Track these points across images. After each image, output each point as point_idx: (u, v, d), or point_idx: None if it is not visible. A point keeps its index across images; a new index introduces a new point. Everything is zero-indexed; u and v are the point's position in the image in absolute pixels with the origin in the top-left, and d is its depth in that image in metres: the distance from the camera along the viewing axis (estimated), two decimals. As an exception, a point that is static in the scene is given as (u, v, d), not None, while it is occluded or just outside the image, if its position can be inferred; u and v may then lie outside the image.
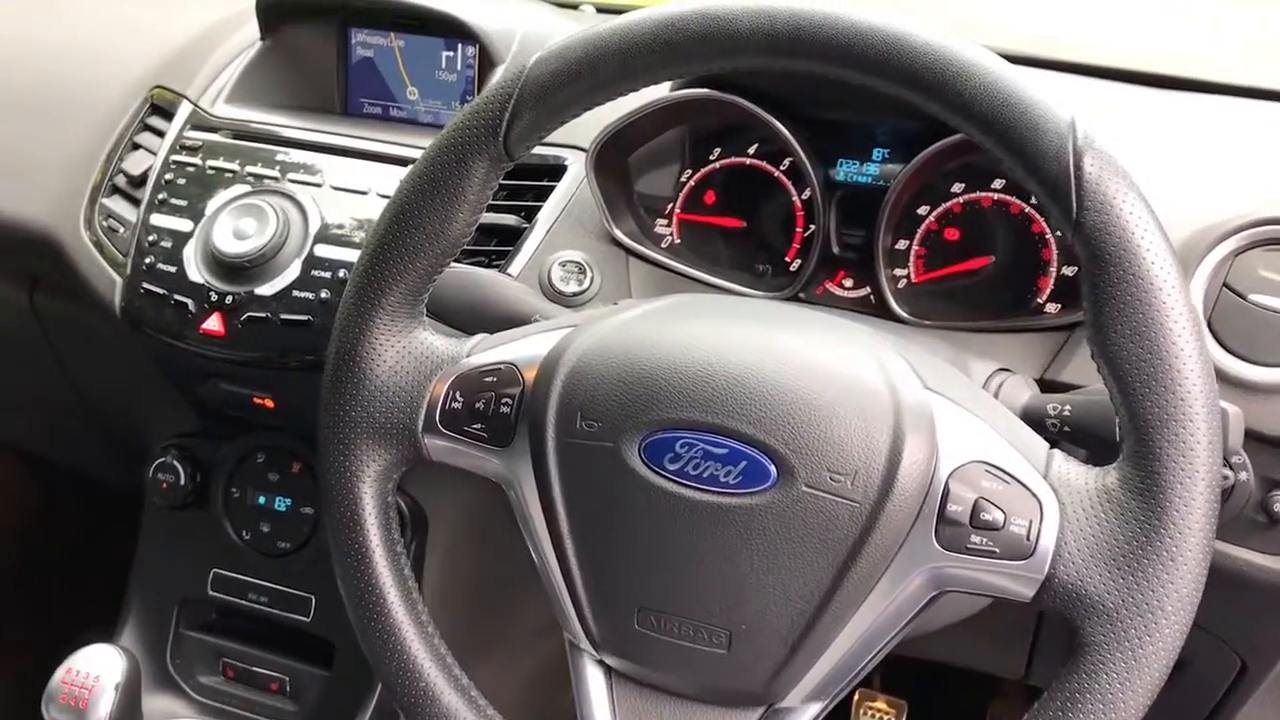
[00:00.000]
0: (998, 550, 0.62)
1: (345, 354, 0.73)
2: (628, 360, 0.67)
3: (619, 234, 0.99)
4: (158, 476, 1.12)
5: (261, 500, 1.11)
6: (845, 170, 0.97)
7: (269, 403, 1.04)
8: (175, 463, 1.11)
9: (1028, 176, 0.61)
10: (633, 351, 0.68)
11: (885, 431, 0.63)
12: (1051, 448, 0.65)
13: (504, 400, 0.71)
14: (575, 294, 0.98)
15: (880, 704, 1.60)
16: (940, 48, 0.61)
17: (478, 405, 0.72)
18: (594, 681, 0.72)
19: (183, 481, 1.11)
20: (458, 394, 0.72)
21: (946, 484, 0.63)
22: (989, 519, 0.62)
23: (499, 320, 0.83)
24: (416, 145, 1.05)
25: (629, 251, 1.01)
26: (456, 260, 0.75)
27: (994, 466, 0.63)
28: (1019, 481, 0.62)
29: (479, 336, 0.76)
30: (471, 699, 0.72)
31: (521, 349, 0.73)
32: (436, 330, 0.76)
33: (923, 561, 0.63)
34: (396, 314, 0.73)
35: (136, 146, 1.11)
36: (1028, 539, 0.61)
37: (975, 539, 0.62)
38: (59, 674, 0.89)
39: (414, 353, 0.74)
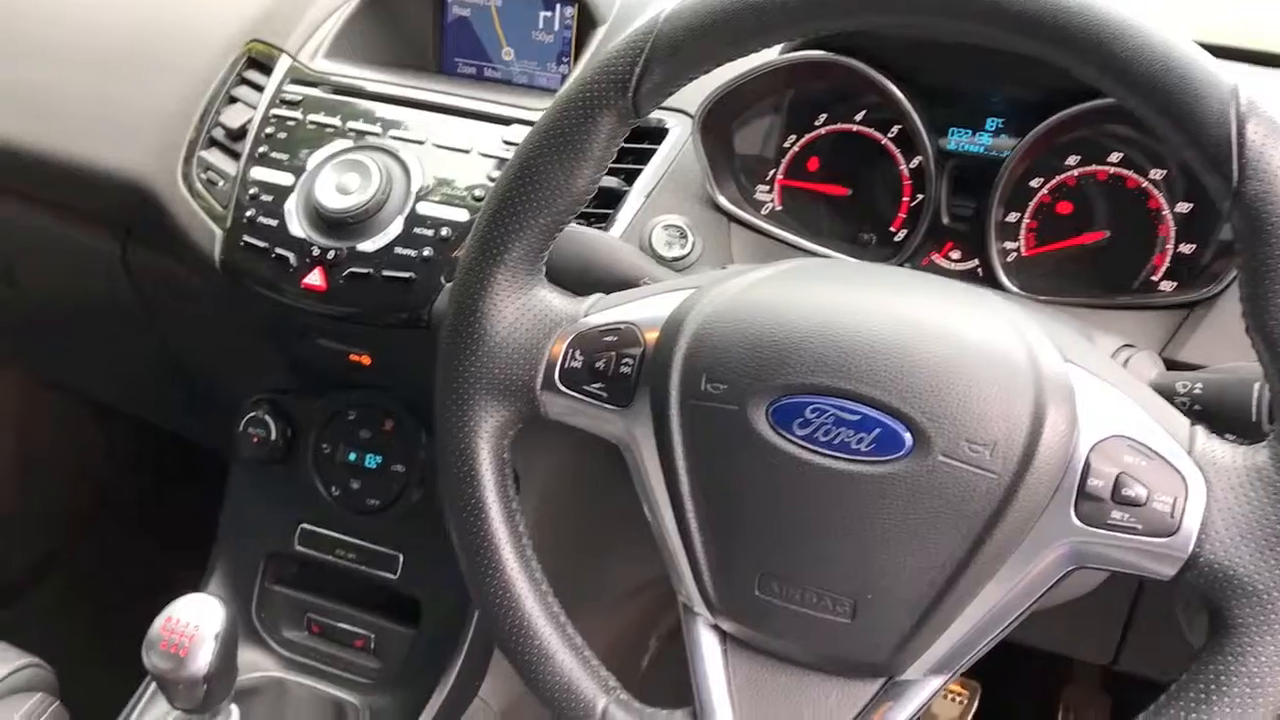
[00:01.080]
0: (1139, 527, 0.60)
1: (466, 309, 0.72)
2: (756, 323, 0.66)
3: (722, 199, 0.98)
4: (248, 431, 1.12)
5: (352, 457, 1.11)
6: (957, 140, 0.95)
7: (365, 360, 1.04)
8: (266, 417, 1.12)
9: (1185, 143, 0.59)
10: (761, 314, 0.67)
11: (1026, 402, 0.62)
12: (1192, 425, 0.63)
13: (624, 360, 0.70)
14: (677, 259, 0.97)
15: (953, 684, 1.60)
16: (1096, 7, 0.59)
17: (598, 365, 0.71)
18: (708, 646, 0.71)
19: (273, 436, 1.12)
20: (577, 353, 0.72)
21: (1087, 458, 0.61)
22: (1131, 495, 0.60)
23: (608, 281, 0.82)
24: (516, 105, 1.04)
25: (730, 217, 0.99)
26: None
27: (1136, 441, 0.61)
28: (1162, 458, 0.61)
29: (595, 296, 0.75)
30: (585, 658, 0.71)
31: (642, 309, 0.72)
32: (553, 289, 0.75)
33: (1059, 536, 0.62)
34: (517, 270, 0.73)
35: (234, 100, 1.11)
36: (1171, 516, 0.60)
37: (1116, 514, 0.61)
38: (159, 622, 0.89)
39: (533, 310, 0.73)
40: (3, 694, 1.03)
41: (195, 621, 0.89)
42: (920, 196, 0.96)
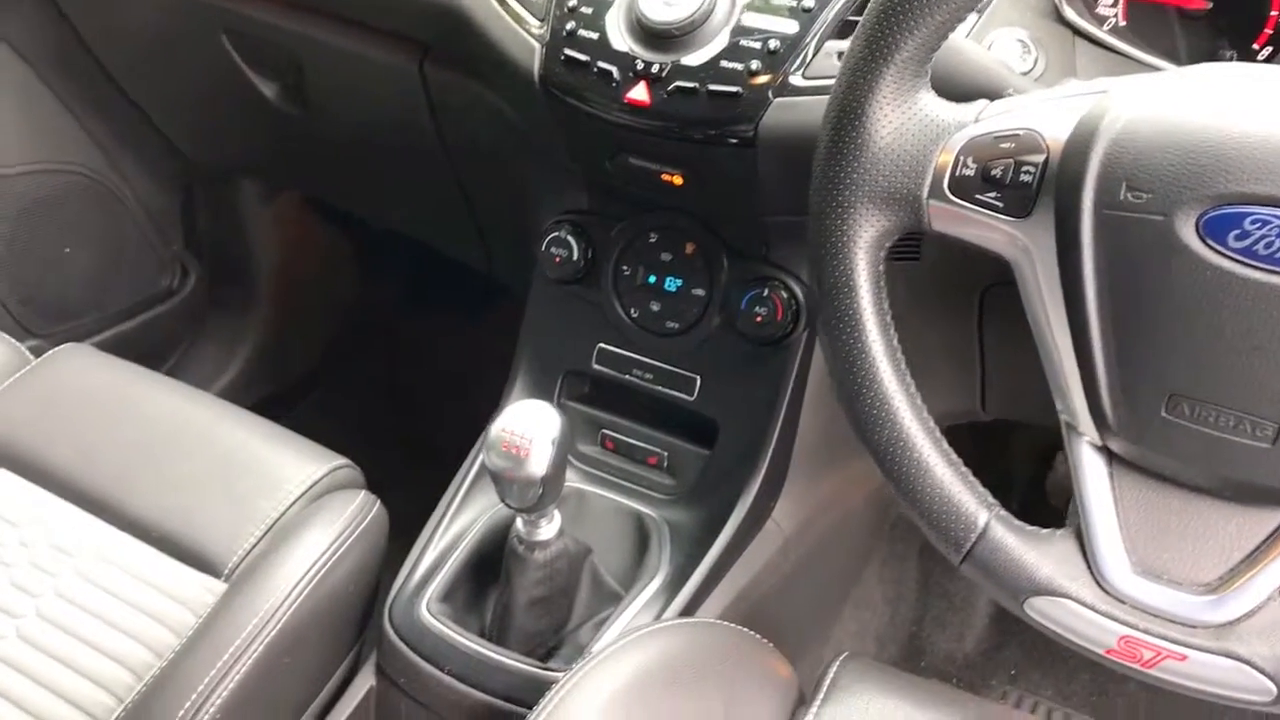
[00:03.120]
0: None
1: (849, 113, 0.70)
2: (1188, 127, 0.62)
3: (1069, 12, 0.92)
4: (550, 250, 1.13)
5: (651, 279, 1.11)
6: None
7: (677, 179, 1.02)
8: (569, 237, 1.13)
9: None
10: (1193, 118, 0.62)
11: None
12: None
13: (1025, 168, 0.67)
14: (1020, 74, 0.91)
15: None
16: None
17: (993, 172, 0.68)
18: (1091, 467, 0.69)
19: (575, 256, 1.13)
20: (969, 159, 0.69)
21: None
22: None
23: (970, 90, 0.78)
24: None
25: (1076, 31, 0.93)
26: None
27: None
28: None
29: (980, 103, 0.71)
30: (963, 473, 0.71)
31: (1042, 115, 0.68)
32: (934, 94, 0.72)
33: None
34: (904, 73, 0.69)
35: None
36: None
37: None
38: (499, 423, 0.92)
39: (920, 115, 0.70)
40: (324, 492, 1.09)
41: (533, 424, 0.92)
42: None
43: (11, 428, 1.15)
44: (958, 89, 0.77)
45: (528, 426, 0.92)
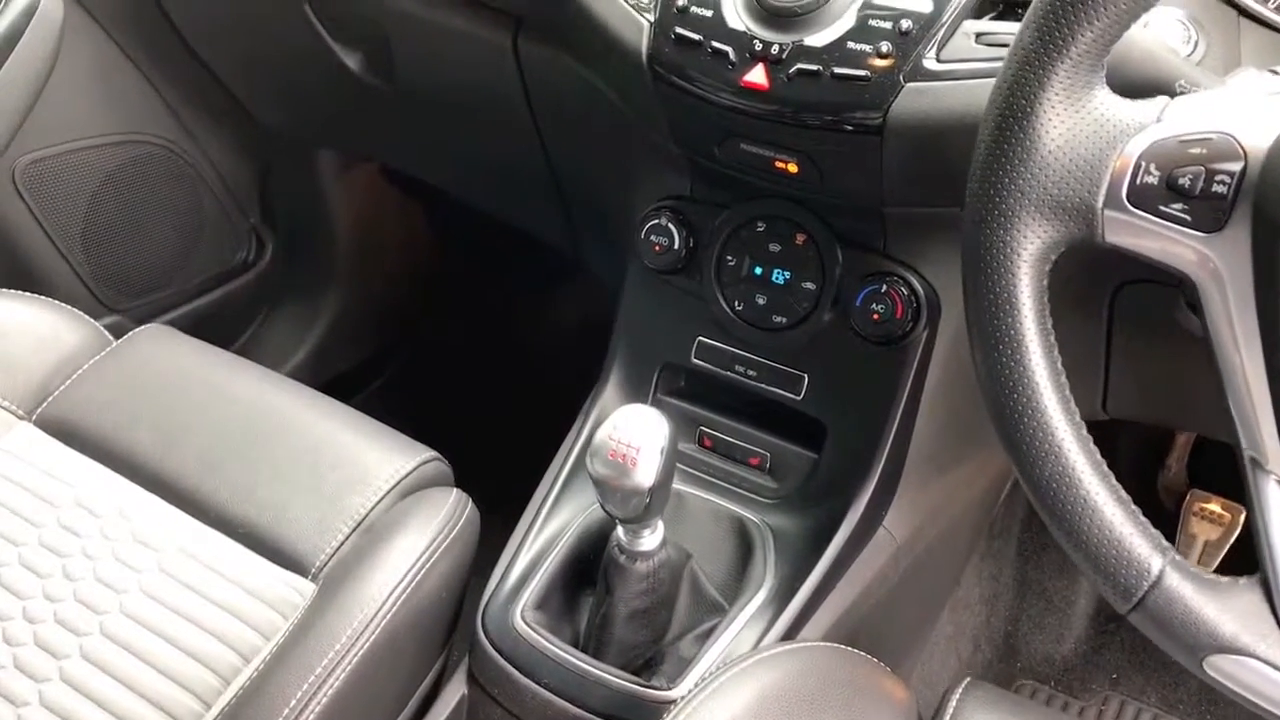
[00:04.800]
0: None
1: (1016, 112, 0.63)
2: None
3: (1237, -9, 0.84)
4: (650, 238, 1.07)
5: (758, 271, 1.05)
6: None
7: (792, 167, 0.96)
8: (670, 225, 1.06)
9: None
10: None
11: None
12: None
13: (1218, 177, 0.60)
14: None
15: (1214, 505, 1.48)
16: None
17: (1181, 181, 0.61)
18: (1277, 504, 0.62)
19: (676, 245, 1.07)
20: (1152, 166, 0.61)
21: None
22: None
23: (1138, 82, 0.70)
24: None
25: (1241, 10, 0.85)
26: None
27: None
28: None
29: (1161, 100, 0.64)
30: (1133, 513, 0.64)
31: (1237, 116, 0.61)
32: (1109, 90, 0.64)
33: None
34: (1079, 68, 0.62)
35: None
36: None
37: None
38: (605, 429, 0.87)
39: (1095, 114, 0.63)
40: (413, 487, 1.05)
41: (642, 432, 0.87)
42: None
43: (93, 412, 1.12)
44: (1125, 80, 0.70)
45: (635, 434, 0.86)
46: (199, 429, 1.09)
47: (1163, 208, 0.61)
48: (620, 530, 0.93)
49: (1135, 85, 0.69)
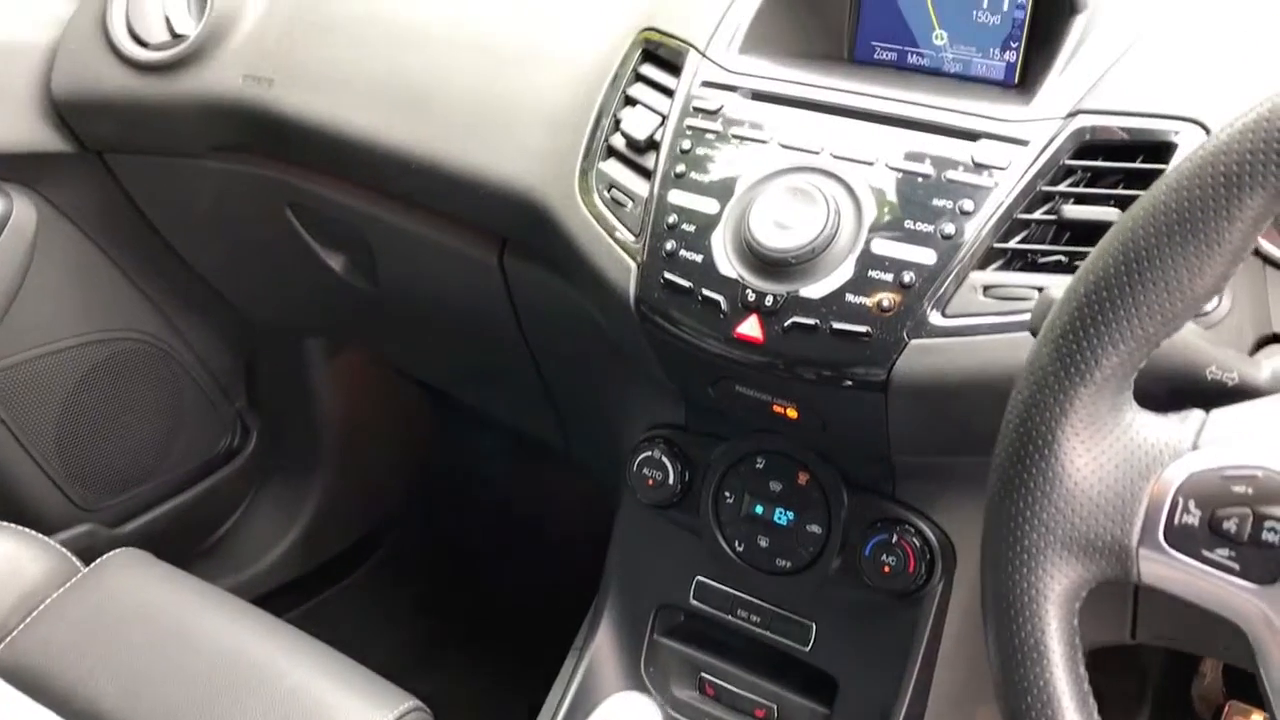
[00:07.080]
0: None
1: (1034, 440, 0.57)
2: None
3: (1262, 241, 0.78)
4: (643, 472, 1.01)
5: (758, 510, 0.98)
6: None
7: (791, 412, 0.89)
8: (664, 459, 1.00)
9: None
10: None
11: None
12: None
13: (1268, 523, 0.53)
14: (1199, 316, 0.77)
15: (1257, 718, 1.40)
16: None
17: (1225, 525, 0.54)
18: None
19: (670, 479, 1.00)
20: (1191, 504, 0.55)
21: None
22: None
23: (1165, 376, 0.64)
24: (985, 115, 0.85)
25: (1267, 260, 0.79)
26: None
27: None
28: None
29: (1196, 416, 0.58)
30: None
31: None
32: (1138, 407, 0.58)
33: None
34: (1104, 390, 0.56)
35: (630, 101, 0.97)
36: None
37: None
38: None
39: (1124, 441, 0.56)
40: (391, 743, 0.98)
41: (632, 729, 0.79)
42: None
43: (54, 657, 1.05)
44: (1148, 372, 0.64)
45: (626, 729, 0.79)
46: (165, 679, 1.02)
47: (1206, 553, 0.54)
48: (613, 821, 0.85)
49: (1164, 381, 0.62)
